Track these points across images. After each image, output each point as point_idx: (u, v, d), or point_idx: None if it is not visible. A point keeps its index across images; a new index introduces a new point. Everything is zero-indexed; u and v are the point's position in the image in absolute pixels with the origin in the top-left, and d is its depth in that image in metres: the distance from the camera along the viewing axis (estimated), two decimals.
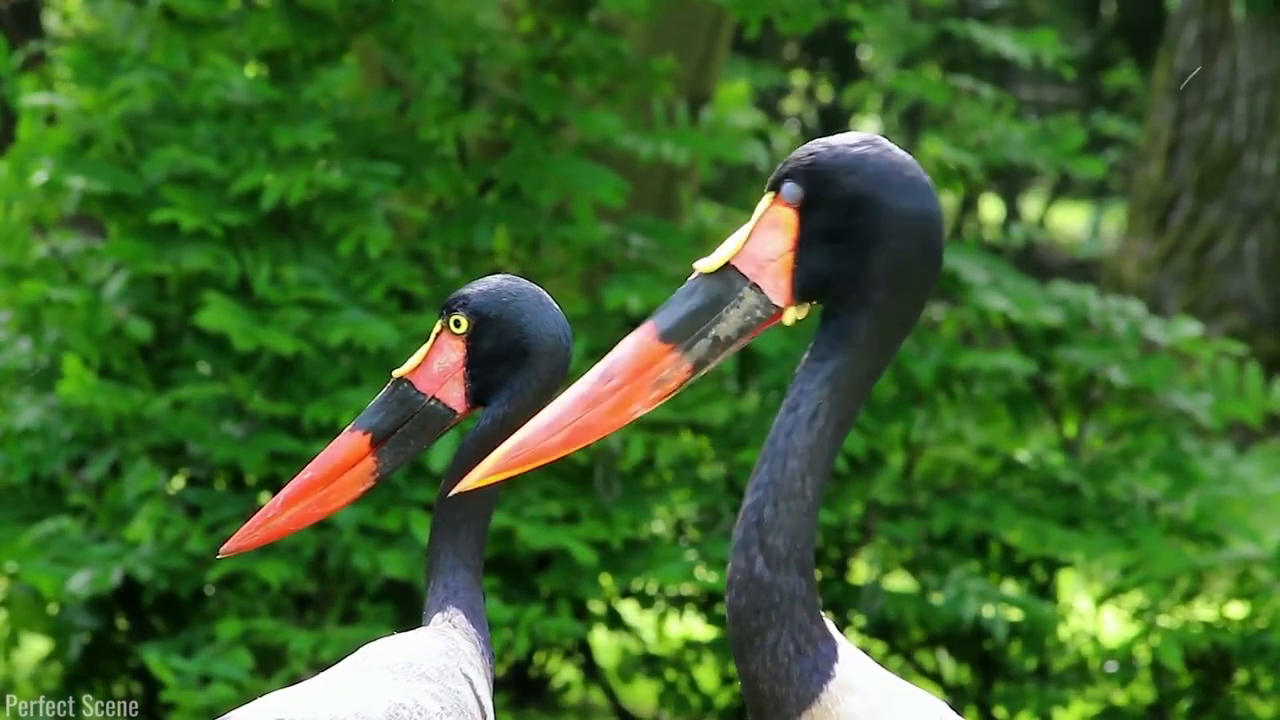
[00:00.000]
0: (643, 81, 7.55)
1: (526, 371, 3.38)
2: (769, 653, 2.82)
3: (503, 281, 3.42)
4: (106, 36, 7.20)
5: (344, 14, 7.17)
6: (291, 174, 6.85)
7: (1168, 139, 15.05)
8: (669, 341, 2.88)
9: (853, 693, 2.83)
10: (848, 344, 2.85)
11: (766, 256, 2.87)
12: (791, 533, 2.82)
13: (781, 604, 2.82)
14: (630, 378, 2.88)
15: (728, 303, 2.88)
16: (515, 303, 3.39)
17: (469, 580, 3.38)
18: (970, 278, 7.47)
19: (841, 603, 7.61)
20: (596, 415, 2.88)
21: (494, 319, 3.39)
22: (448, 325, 3.40)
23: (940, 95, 7.73)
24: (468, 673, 3.24)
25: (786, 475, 2.84)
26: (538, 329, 3.38)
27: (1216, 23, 14.87)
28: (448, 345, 3.42)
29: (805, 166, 2.87)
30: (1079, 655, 7.55)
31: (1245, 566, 7.41)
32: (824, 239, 2.86)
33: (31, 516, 7.01)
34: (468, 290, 3.40)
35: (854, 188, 2.85)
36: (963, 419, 7.62)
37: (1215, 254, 14.91)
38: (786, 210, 2.87)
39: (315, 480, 3.40)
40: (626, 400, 2.88)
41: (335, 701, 3.02)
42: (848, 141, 2.87)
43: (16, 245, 7.07)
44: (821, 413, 2.84)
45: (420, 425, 3.42)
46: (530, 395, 3.39)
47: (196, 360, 6.99)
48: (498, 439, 3.35)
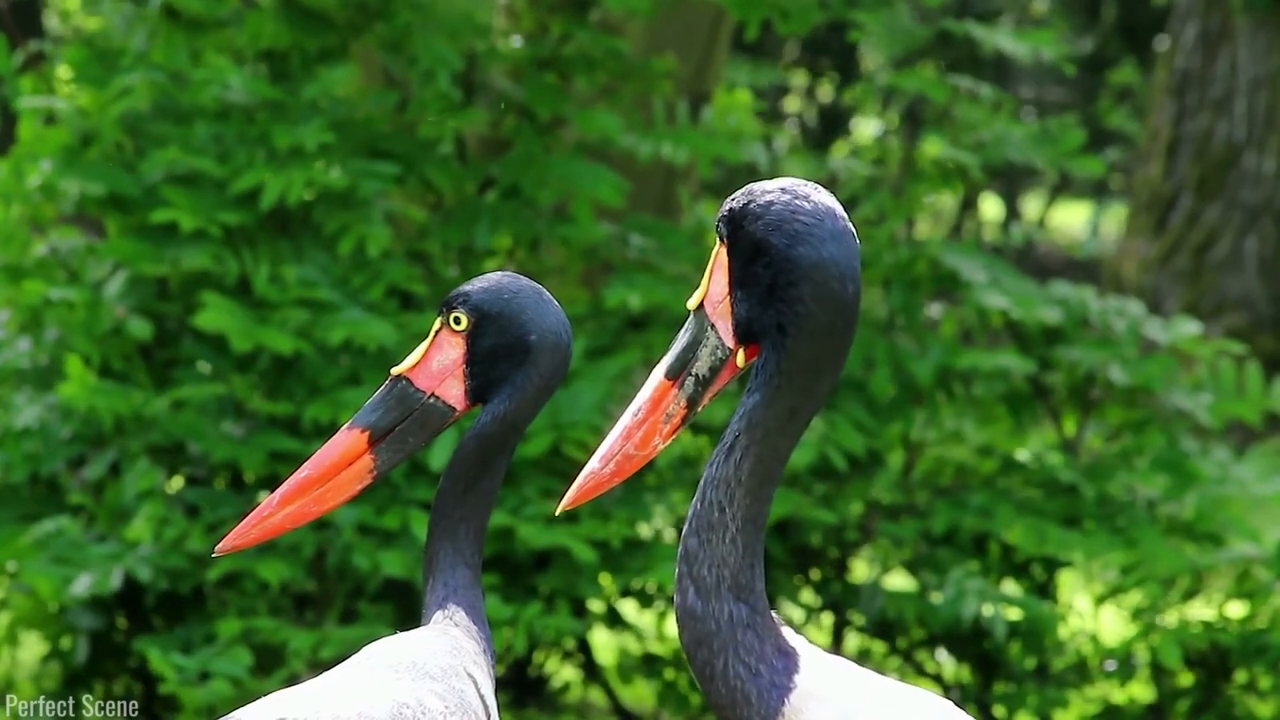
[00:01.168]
0: (642, 81, 7.55)
1: (528, 369, 3.38)
2: (721, 680, 2.88)
3: (503, 278, 3.41)
4: (106, 36, 7.19)
5: (344, 13, 7.16)
6: (290, 174, 6.85)
7: (1167, 138, 15.05)
8: (671, 379, 2.99)
9: (818, 701, 2.85)
10: (765, 384, 2.91)
11: (717, 298, 2.96)
12: (717, 562, 2.88)
13: (720, 632, 2.87)
14: (649, 413, 3.01)
15: (700, 341, 2.97)
16: (516, 299, 3.39)
17: (468, 578, 3.37)
18: (970, 277, 7.47)
19: (841, 602, 7.61)
20: (631, 446, 3.03)
21: (495, 316, 3.38)
22: (448, 322, 3.39)
23: (940, 93, 7.73)
24: (471, 672, 3.23)
25: (705, 507, 2.92)
26: (539, 326, 3.38)
27: (1216, 22, 14.87)
28: (447, 342, 3.41)
29: (724, 212, 2.95)
30: (1078, 655, 7.55)
31: (1245, 566, 7.41)
32: (741, 284, 2.92)
33: (31, 516, 7.01)
34: (469, 286, 3.40)
35: (755, 234, 2.90)
36: (962, 418, 7.62)
37: (1215, 253, 14.91)
38: (725, 254, 2.94)
39: (312, 478, 3.39)
40: (649, 434, 3.02)
41: (339, 701, 3.02)
42: (765, 189, 2.93)
43: (16, 244, 7.07)
44: (739, 446, 2.91)
45: (419, 423, 3.41)
46: (531, 392, 3.39)
47: (196, 360, 6.99)
48: (498, 437, 3.36)
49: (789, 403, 2.90)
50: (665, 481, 7.30)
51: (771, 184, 2.93)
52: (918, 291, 7.57)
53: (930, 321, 7.70)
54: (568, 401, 6.94)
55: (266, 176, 6.85)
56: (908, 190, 7.70)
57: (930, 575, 7.43)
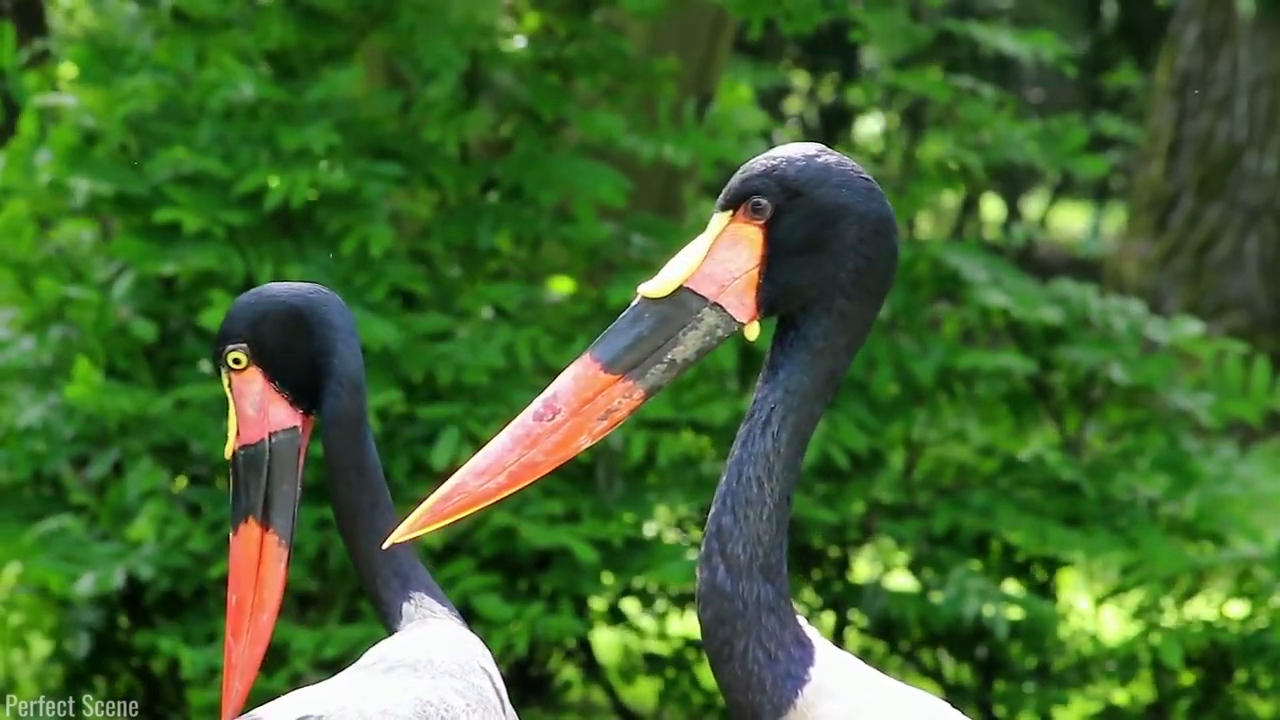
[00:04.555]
0: (645, 81, 7.55)
1: (327, 356, 3.31)
2: (739, 661, 2.84)
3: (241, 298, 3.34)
4: (111, 35, 7.20)
5: (349, 13, 7.17)
6: (295, 174, 6.85)
7: (1169, 139, 15.06)
8: (616, 371, 2.89)
9: (829, 697, 2.83)
10: (803, 350, 2.88)
11: (729, 275, 2.90)
12: (752, 540, 2.84)
13: (746, 612, 2.83)
14: (574, 411, 2.89)
15: (683, 325, 2.90)
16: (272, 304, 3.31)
17: (406, 557, 3.30)
18: (971, 276, 7.48)
19: (842, 602, 7.61)
20: (539, 453, 2.88)
21: (259, 325, 3.30)
22: (230, 367, 3.31)
23: (942, 93, 7.74)
24: (486, 666, 3.23)
25: (742, 483, 2.86)
26: (318, 315, 3.31)
27: (1218, 22, 14.87)
28: (243, 385, 3.30)
29: (772, 180, 2.89)
30: (1079, 654, 7.55)
31: (1246, 566, 7.42)
32: (794, 251, 2.89)
33: (33, 515, 7.02)
34: (224, 329, 3.31)
35: (823, 198, 2.88)
36: (963, 418, 7.62)
37: (1216, 254, 14.91)
38: (750, 227, 2.90)
39: (242, 596, 3.28)
40: (573, 433, 2.89)
41: (362, 699, 3.01)
42: (806, 153, 2.91)
43: (24, 241, 7.07)
44: (775, 418, 2.87)
45: (281, 470, 3.31)
46: (341, 375, 3.29)
47: (198, 359, 7.00)
48: (347, 420, 3.27)
49: (829, 366, 2.88)
50: (666, 481, 7.30)
51: (797, 149, 2.91)
52: (919, 291, 7.58)
53: (932, 321, 7.70)
54: None
55: (270, 178, 6.86)
56: (909, 190, 7.71)
57: (931, 575, 7.43)
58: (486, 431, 6.72)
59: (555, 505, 6.95)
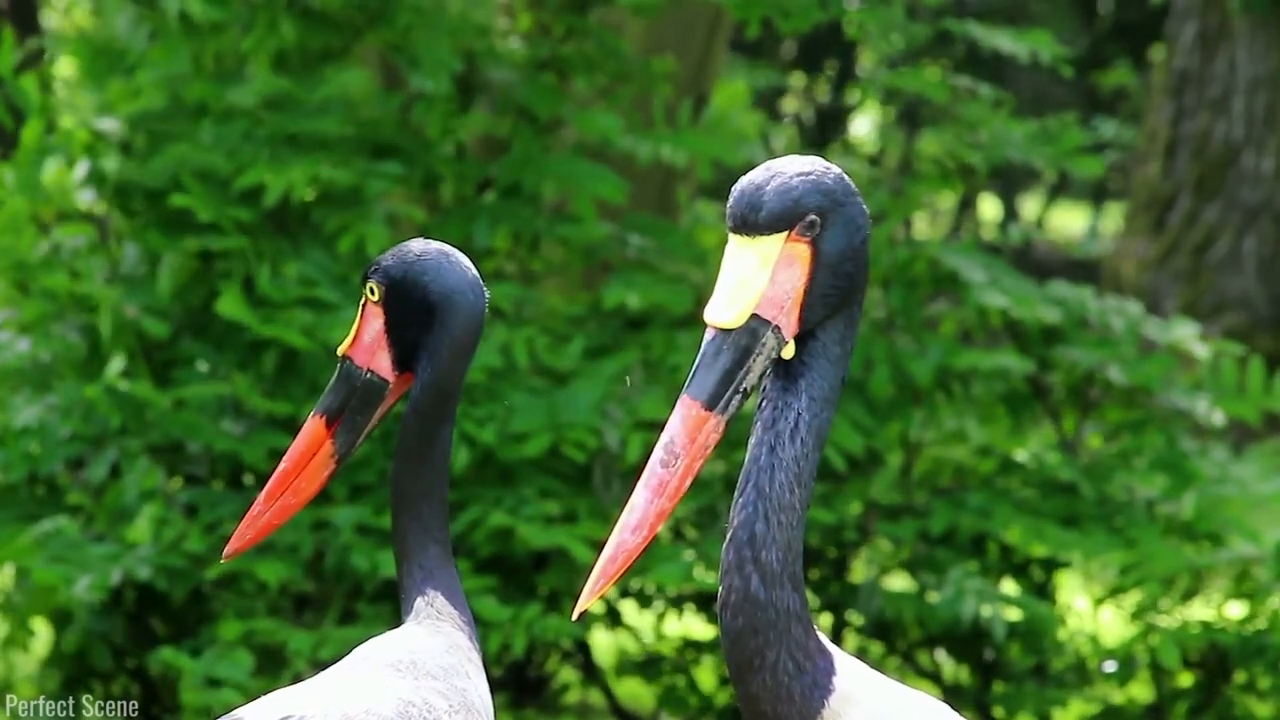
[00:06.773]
0: (641, 81, 7.54)
1: (439, 330, 3.37)
2: (769, 672, 2.82)
3: (413, 244, 3.42)
4: (109, 35, 7.19)
5: (347, 13, 7.16)
6: (293, 171, 6.84)
7: (1166, 138, 15.05)
8: (712, 409, 2.89)
9: (854, 705, 2.82)
10: (824, 357, 2.91)
11: (785, 296, 2.90)
12: (784, 547, 2.83)
13: (779, 621, 2.82)
14: (690, 453, 2.90)
15: (754, 353, 2.90)
16: (419, 262, 3.38)
17: (440, 555, 3.37)
18: (969, 277, 7.47)
19: (840, 602, 7.60)
20: (666, 499, 2.90)
21: (401, 280, 3.38)
22: (366, 294, 3.41)
23: (939, 92, 7.73)
24: (470, 671, 3.23)
25: (775, 489, 2.86)
26: (443, 285, 3.37)
27: (1215, 22, 14.87)
28: (371, 315, 3.42)
29: (823, 196, 2.90)
30: (1077, 655, 7.55)
31: (1244, 566, 7.41)
32: (832, 263, 2.90)
33: (30, 516, 7.01)
34: (381, 257, 3.42)
35: (853, 207, 2.92)
36: (961, 418, 7.61)
37: (1213, 253, 14.91)
38: (802, 245, 2.90)
39: (288, 470, 3.43)
40: (688, 474, 2.90)
41: (344, 698, 3.01)
42: (821, 164, 2.94)
43: (25, 240, 7.06)
44: (803, 424, 2.88)
45: (363, 400, 3.43)
46: (447, 354, 3.38)
47: (195, 359, 6.99)
48: (430, 405, 3.36)
49: (842, 371, 2.92)
50: None
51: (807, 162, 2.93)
52: (916, 291, 7.57)
53: (929, 321, 7.70)
54: (566, 402, 6.92)
55: (268, 175, 6.85)
56: (906, 190, 7.70)
57: (929, 575, 7.43)
58: (483, 432, 6.71)
59: (552, 506, 6.95)
